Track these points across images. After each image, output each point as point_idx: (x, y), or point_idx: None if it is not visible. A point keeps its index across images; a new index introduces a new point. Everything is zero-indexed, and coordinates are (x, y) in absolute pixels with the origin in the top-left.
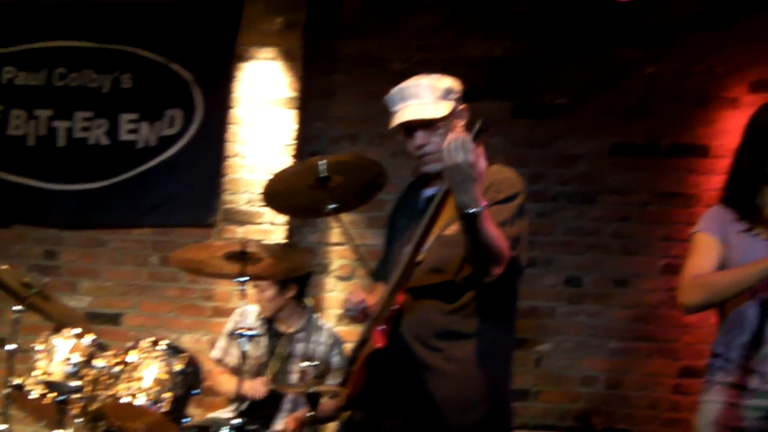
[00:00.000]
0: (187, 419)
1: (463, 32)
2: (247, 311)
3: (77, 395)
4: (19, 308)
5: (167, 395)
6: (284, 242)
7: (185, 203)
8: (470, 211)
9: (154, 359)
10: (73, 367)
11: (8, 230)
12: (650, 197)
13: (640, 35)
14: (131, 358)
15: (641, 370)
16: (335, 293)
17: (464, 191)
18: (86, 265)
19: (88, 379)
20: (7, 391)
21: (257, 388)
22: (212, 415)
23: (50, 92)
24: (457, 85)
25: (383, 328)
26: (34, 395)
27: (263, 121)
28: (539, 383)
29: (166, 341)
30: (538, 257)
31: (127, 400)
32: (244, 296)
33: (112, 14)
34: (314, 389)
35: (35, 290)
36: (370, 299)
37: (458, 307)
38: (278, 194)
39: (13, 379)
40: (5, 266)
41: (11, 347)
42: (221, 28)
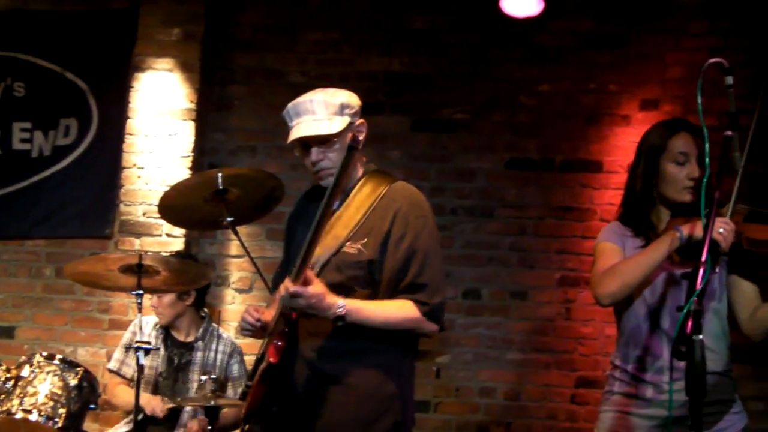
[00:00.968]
0: None
1: (361, 47)
2: (144, 323)
3: None
4: None
5: (62, 410)
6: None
7: (80, 214)
8: (335, 317)
9: (48, 374)
10: None
11: None
12: (546, 211)
13: (535, 53)
14: (25, 372)
15: (539, 381)
16: (234, 305)
17: (321, 313)
18: None
19: None
20: None
21: (156, 405)
22: (110, 431)
23: None
24: (353, 99)
25: (279, 343)
26: None
27: (161, 132)
28: (439, 395)
29: (60, 355)
30: None
31: (20, 416)
32: (140, 309)
33: (4, 22)
34: (213, 403)
35: None
36: (266, 315)
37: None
38: (175, 207)
39: None
40: None
41: None
42: (117, 37)
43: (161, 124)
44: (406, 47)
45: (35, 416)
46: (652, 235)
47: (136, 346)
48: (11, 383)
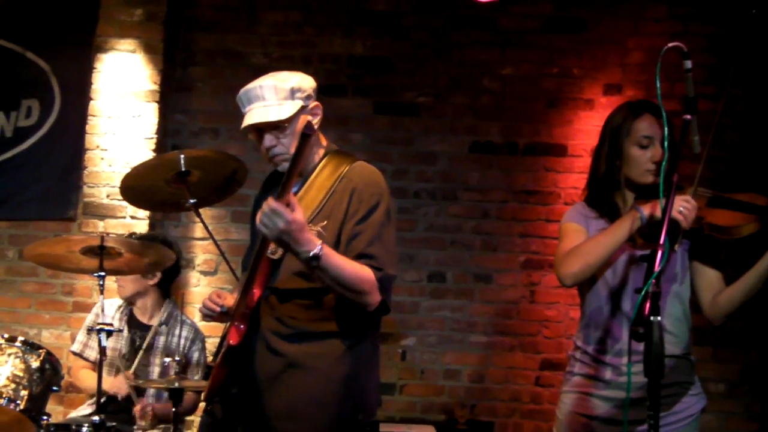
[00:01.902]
0: (45, 417)
1: (323, 29)
2: (107, 305)
3: None
4: None
5: (24, 393)
6: (154, 236)
7: (41, 196)
8: (310, 254)
9: (9, 356)
10: None
11: None
12: (509, 195)
13: (497, 37)
14: None
15: (503, 363)
16: (199, 288)
17: (295, 245)
18: None
19: None
20: None
21: (119, 386)
22: (74, 414)
23: None
24: (305, 82)
25: (240, 326)
26: None
27: (123, 113)
28: (404, 377)
29: (22, 338)
30: (401, 253)
31: None
32: (103, 291)
33: None
34: (177, 385)
35: None
36: (229, 300)
37: (320, 307)
38: (136, 188)
39: None
40: None
41: None
42: (78, 17)
43: (124, 105)
44: (368, 29)
45: None
46: (616, 217)
47: (98, 328)
48: None
